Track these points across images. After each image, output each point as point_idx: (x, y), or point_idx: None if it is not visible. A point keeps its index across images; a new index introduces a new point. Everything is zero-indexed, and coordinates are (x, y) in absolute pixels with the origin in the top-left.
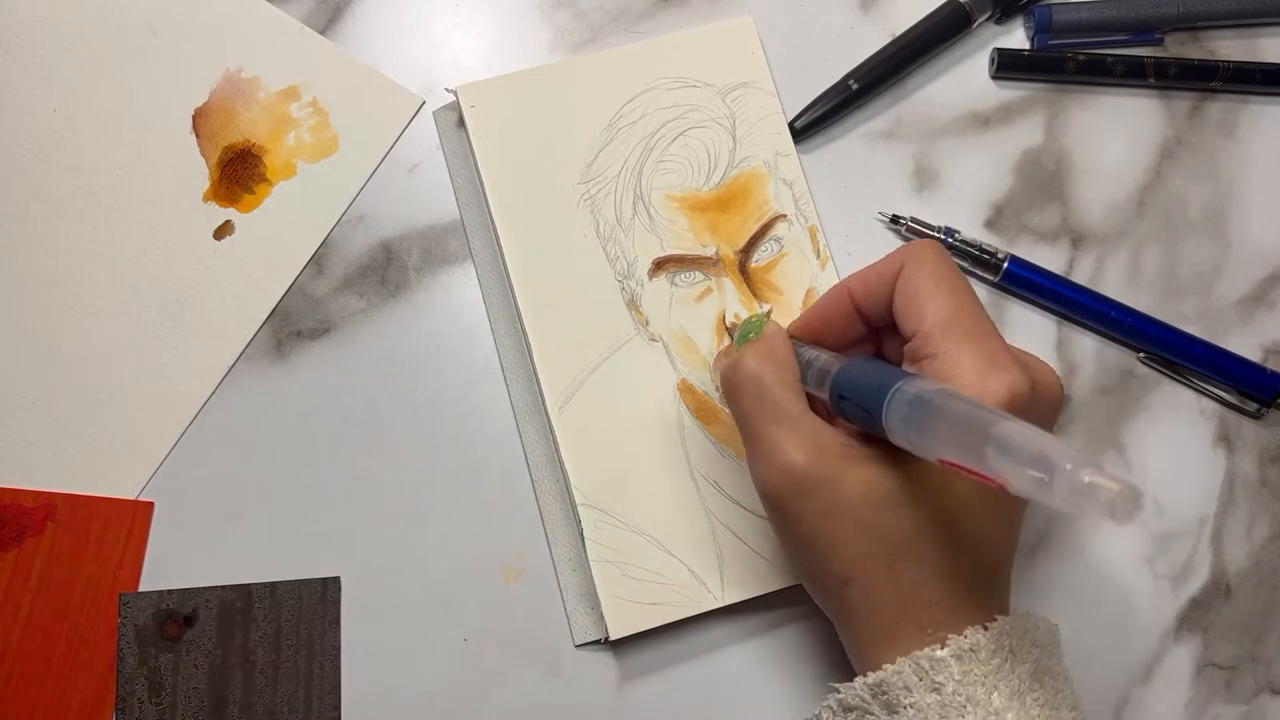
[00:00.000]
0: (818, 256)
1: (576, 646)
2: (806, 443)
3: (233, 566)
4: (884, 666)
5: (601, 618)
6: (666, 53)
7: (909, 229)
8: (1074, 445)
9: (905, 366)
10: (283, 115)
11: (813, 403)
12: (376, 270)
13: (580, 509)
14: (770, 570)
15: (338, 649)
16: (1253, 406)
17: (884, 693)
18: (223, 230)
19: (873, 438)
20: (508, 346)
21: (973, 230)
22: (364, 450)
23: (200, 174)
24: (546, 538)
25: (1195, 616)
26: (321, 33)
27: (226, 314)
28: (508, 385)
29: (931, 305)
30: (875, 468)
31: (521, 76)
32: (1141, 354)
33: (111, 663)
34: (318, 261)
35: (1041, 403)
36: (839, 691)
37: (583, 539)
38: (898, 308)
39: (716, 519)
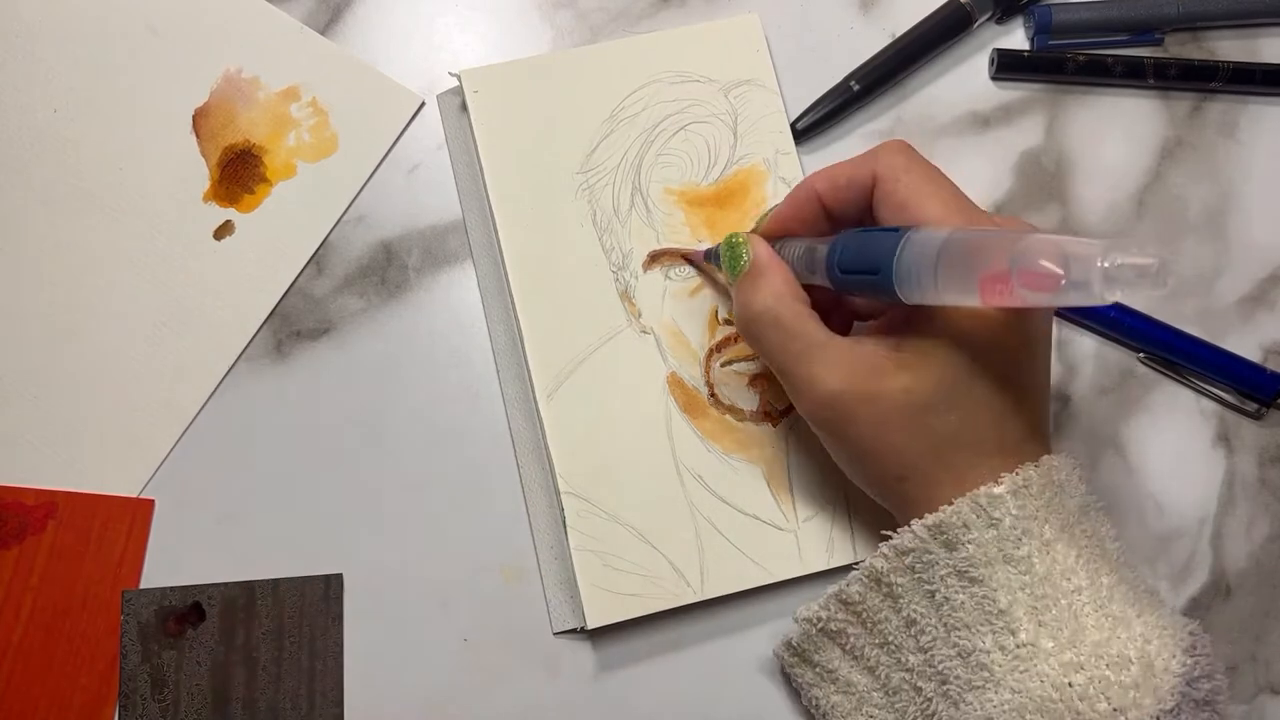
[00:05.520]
0: None
1: (554, 634)
2: (839, 368)
3: (233, 565)
4: (941, 508)
5: (580, 606)
6: (671, 47)
7: None
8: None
9: None
10: (283, 115)
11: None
12: (376, 270)
13: (564, 497)
14: (751, 567)
15: (340, 646)
16: (1252, 406)
17: (942, 532)
18: (223, 230)
19: (897, 344)
20: (500, 334)
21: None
22: (364, 450)
23: (200, 174)
24: (530, 525)
25: (1195, 616)
26: (321, 33)
27: (226, 314)
28: (499, 373)
29: (924, 212)
30: (909, 374)
31: (525, 64)
32: (1141, 354)
33: (114, 660)
34: (318, 261)
35: None
36: (892, 537)
37: (565, 527)
38: (886, 219)
39: (700, 514)
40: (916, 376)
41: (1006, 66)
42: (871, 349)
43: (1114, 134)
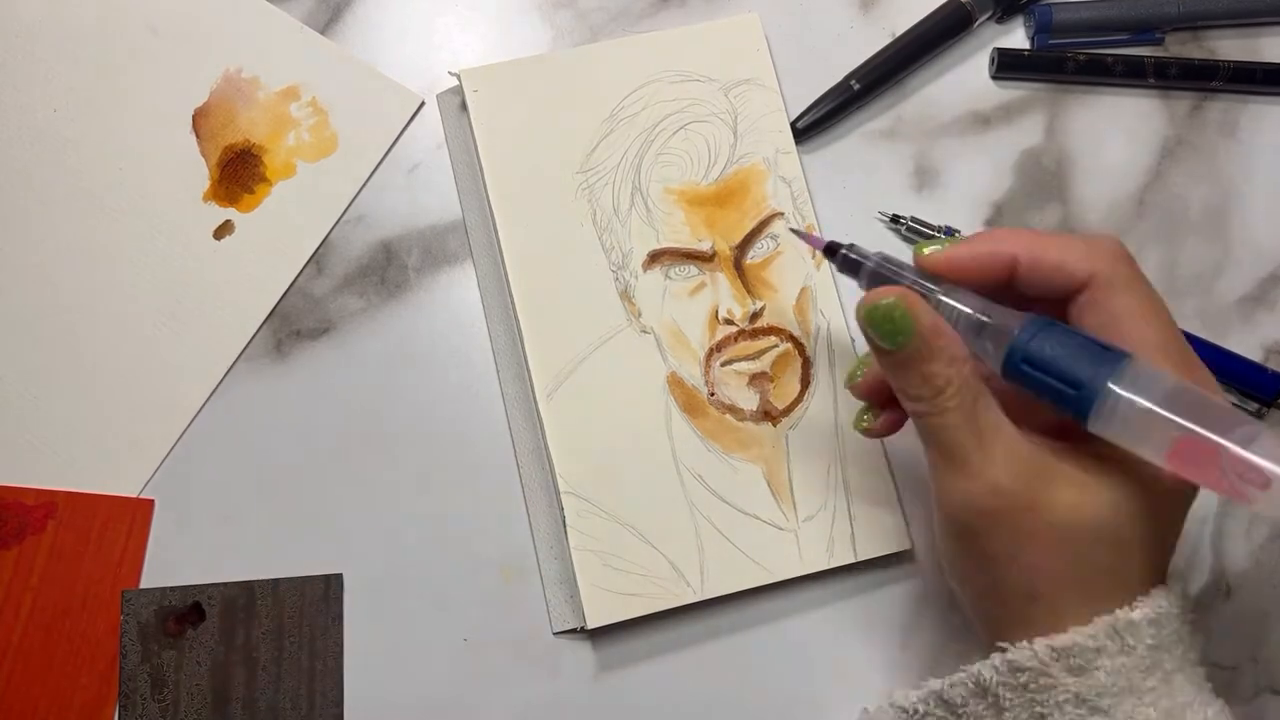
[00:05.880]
0: (813, 256)
1: (554, 634)
2: (1007, 462)
3: (233, 565)
4: (1070, 629)
5: (580, 606)
6: (671, 46)
7: (909, 229)
8: None
9: None
10: (282, 115)
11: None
12: (376, 270)
13: (563, 497)
14: (751, 567)
15: (340, 646)
16: (1253, 406)
17: (1071, 656)
18: (222, 230)
19: (1067, 451)
20: (500, 334)
21: (973, 230)
22: (364, 450)
23: (200, 174)
24: (530, 525)
25: (1196, 617)
26: (321, 33)
27: (226, 314)
28: (499, 373)
29: (1138, 335)
30: (1078, 492)
31: (525, 64)
32: None
33: (114, 660)
34: (318, 261)
35: None
36: (1005, 650)
37: (564, 527)
38: (1092, 325)
39: (699, 513)
40: (1085, 495)
41: (1007, 66)
42: (1039, 449)
43: (1114, 133)
